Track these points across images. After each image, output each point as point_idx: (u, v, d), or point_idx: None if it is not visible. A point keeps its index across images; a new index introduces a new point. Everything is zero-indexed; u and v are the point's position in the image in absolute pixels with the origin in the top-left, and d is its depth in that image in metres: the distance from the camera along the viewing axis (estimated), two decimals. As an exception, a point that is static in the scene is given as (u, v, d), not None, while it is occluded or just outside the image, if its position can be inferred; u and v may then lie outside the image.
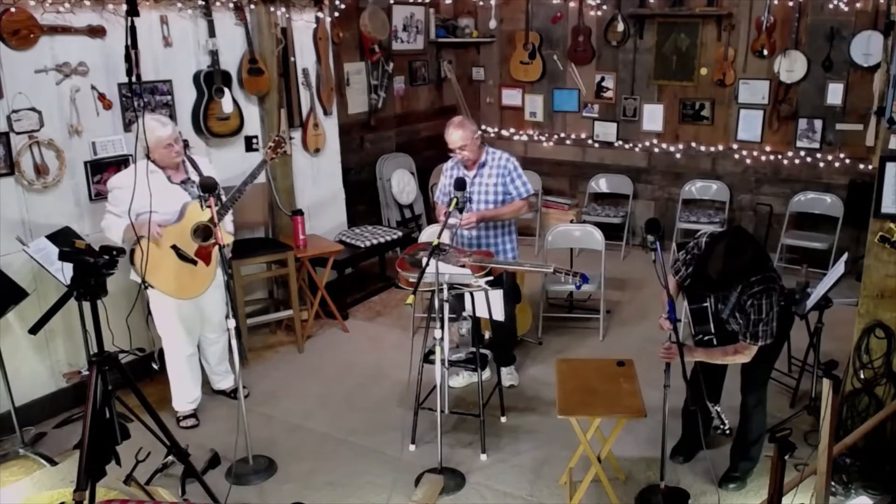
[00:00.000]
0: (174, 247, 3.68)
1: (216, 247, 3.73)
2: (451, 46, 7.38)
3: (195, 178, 3.87)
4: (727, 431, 3.21)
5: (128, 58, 2.78)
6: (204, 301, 4.02)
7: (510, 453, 3.83)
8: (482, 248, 4.22)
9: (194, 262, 3.77)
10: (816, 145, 6.20)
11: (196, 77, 4.69)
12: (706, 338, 3.28)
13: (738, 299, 3.15)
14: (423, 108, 7.23)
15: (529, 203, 4.31)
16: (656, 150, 6.94)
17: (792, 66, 6.09)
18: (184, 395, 4.13)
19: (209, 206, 3.43)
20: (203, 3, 4.59)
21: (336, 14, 5.59)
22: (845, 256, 4.03)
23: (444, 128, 4.17)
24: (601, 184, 7.12)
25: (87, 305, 2.94)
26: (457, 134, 4.06)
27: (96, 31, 4.13)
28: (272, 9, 5.01)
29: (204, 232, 3.78)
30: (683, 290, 3.36)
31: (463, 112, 7.09)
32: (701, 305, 3.29)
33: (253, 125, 5.13)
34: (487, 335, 4.33)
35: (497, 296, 3.88)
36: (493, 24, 7.30)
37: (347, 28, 6.01)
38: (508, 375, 4.47)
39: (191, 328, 4.08)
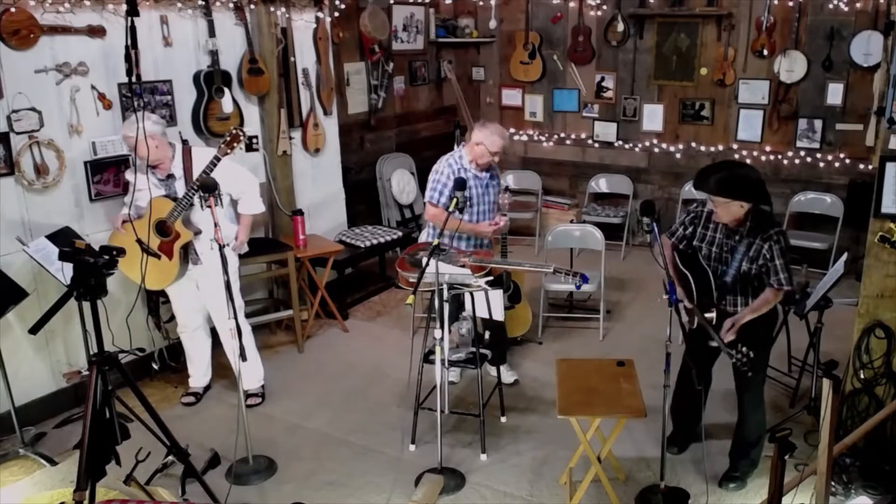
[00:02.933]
0: (138, 241, 3.68)
1: (178, 245, 3.85)
2: (451, 46, 7.38)
3: (178, 173, 3.90)
4: (749, 356, 3.02)
5: (128, 58, 2.78)
6: (204, 296, 4.10)
7: (510, 453, 3.82)
8: (482, 247, 4.23)
9: (157, 256, 3.83)
10: (816, 145, 6.20)
11: (196, 77, 4.69)
12: (707, 314, 3.21)
13: (747, 249, 3.20)
14: (423, 108, 7.23)
15: None
16: (656, 150, 6.94)
17: (792, 66, 6.09)
18: (190, 370, 4.39)
19: (209, 206, 3.43)
20: (203, 3, 4.59)
21: (336, 14, 5.59)
22: (845, 256, 4.03)
23: (444, 128, 4.16)
24: (601, 184, 7.12)
25: (87, 305, 2.94)
26: (500, 141, 4.05)
27: (96, 31, 4.13)
28: (272, 9, 5.01)
29: (162, 228, 3.83)
30: (681, 258, 3.41)
31: (463, 112, 7.09)
32: (701, 272, 3.28)
33: (253, 125, 5.13)
34: (487, 335, 4.32)
35: (497, 296, 3.88)
36: (493, 24, 7.30)
37: (347, 28, 6.01)
38: (508, 373, 4.47)
39: (188, 310, 4.21)
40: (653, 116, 6.89)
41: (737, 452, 3.54)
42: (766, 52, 6.14)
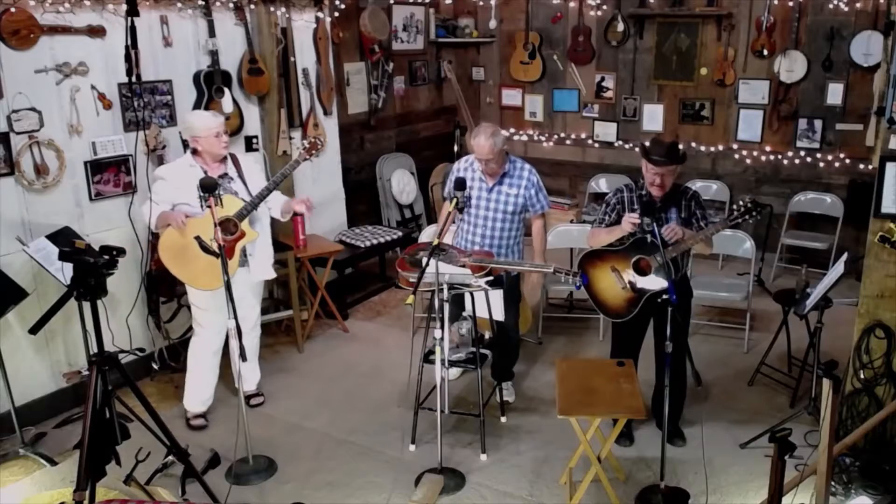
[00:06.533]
0: (197, 238, 3.56)
1: (240, 245, 3.81)
2: (451, 46, 7.38)
3: (233, 173, 3.91)
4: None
5: (128, 58, 2.79)
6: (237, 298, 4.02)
7: (510, 453, 3.82)
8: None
9: (216, 255, 3.60)
10: (816, 145, 6.20)
11: (196, 77, 4.69)
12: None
13: (679, 211, 3.56)
14: (423, 108, 7.23)
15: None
16: (656, 150, 6.93)
17: (792, 66, 6.09)
18: (199, 392, 4.06)
19: (209, 206, 3.43)
20: (203, 3, 4.59)
21: (336, 14, 5.59)
22: (845, 256, 4.02)
23: (444, 128, 4.12)
24: (601, 184, 7.12)
25: (87, 305, 2.94)
26: (487, 145, 3.83)
27: (96, 31, 4.13)
28: (272, 9, 5.01)
29: (226, 226, 3.75)
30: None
31: (463, 112, 7.09)
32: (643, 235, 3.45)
33: (253, 125, 5.14)
34: (487, 335, 4.32)
35: (497, 296, 3.88)
36: (493, 24, 7.29)
37: (347, 28, 6.01)
38: (506, 391, 4.36)
39: (220, 326, 3.93)
40: (653, 116, 6.89)
41: (676, 411, 3.78)
42: (766, 52, 6.14)
